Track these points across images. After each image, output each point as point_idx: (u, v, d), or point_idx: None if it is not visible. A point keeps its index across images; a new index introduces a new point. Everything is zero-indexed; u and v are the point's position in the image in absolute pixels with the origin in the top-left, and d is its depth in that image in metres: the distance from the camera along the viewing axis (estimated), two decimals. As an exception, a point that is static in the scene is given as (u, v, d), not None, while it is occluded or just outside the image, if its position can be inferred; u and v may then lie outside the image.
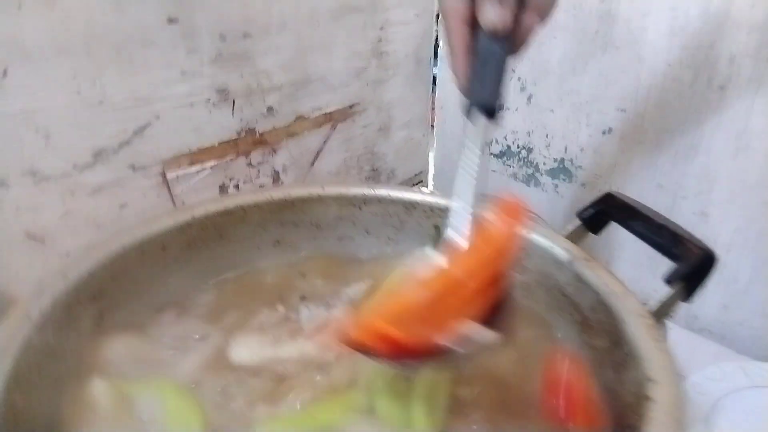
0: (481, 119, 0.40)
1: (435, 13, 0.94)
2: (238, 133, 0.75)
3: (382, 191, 0.54)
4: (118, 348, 0.41)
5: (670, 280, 0.39)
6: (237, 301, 0.48)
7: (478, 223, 0.37)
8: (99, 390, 0.37)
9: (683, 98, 0.72)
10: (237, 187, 0.75)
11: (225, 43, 0.69)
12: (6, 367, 0.32)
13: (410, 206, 0.54)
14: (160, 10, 0.62)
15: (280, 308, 0.47)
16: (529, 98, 0.89)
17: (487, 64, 0.40)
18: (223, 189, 0.74)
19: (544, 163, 0.90)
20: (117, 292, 0.44)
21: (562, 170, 0.88)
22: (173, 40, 0.64)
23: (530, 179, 0.93)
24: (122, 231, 0.45)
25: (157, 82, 0.64)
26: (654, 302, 0.38)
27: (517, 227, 0.35)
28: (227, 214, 0.50)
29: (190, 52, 0.66)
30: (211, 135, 0.72)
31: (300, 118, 0.81)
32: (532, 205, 0.56)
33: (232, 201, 0.51)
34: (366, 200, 0.54)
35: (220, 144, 0.73)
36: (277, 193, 0.52)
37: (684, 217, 0.76)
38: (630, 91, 0.77)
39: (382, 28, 0.87)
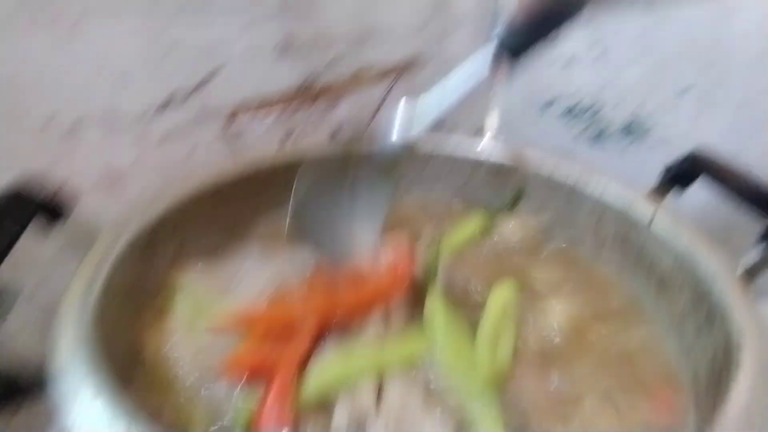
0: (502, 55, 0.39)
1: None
2: (300, 86, 0.75)
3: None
4: (197, 273, 0.42)
5: (764, 240, 0.37)
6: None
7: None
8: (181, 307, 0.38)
9: (773, 56, 0.67)
10: (298, 137, 0.75)
11: (290, -8, 0.69)
12: (96, 294, 0.33)
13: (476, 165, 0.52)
14: (228, -40, 0.61)
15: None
16: (599, 56, 0.84)
17: (549, 17, 0.39)
18: (285, 139, 0.74)
19: (613, 123, 0.86)
20: (190, 229, 0.45)
21: (632, 131, 0.84)
22: (239, -12, 0.64)
23: (597, 140, 0.89)
24: (190, 175, 0.46)
25: (224, 30, 0.64)
26: (745, 261, 0.36)
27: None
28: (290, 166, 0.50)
29: (255, 1, 0.66)
30: (275, 85, 0.72)
31: (361, 71, 0.80)
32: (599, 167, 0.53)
33: (294, 153, 0.51)
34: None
35: (282, 96, 0.73)
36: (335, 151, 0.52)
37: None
38: (715, 49, 0.72)
39: (446, -20, 0.84)
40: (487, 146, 0.52)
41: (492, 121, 1.03)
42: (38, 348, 0.30)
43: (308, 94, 0.76)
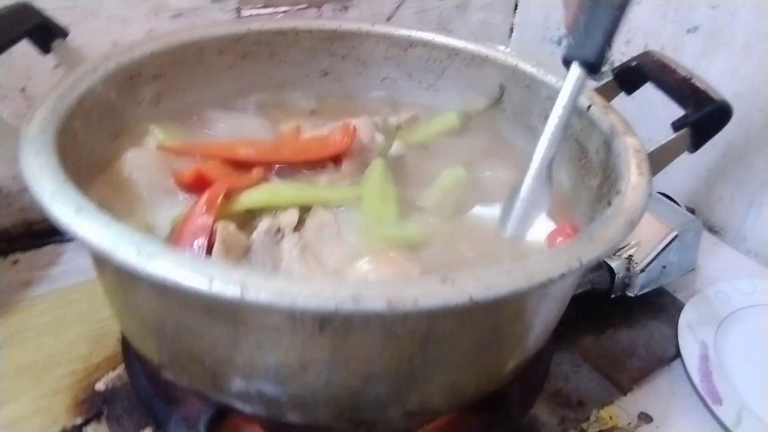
0: (578, 71, 0.38)
1: None
2: (312, -17, 0.77)
3: (428, 35, 0.55)
4: (171, 125, 0.47)
5: (676, 126, 0.39)
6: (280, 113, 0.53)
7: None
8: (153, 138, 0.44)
9: (783, -5, 0.66)
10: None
11: None
12: (72, 98, 0.38)
13: (453, 53, 0.55)
14: None
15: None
16: (617, -12, 0.84)
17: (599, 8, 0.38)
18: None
19: (621, 61, 0.86)
20: (174, 80, 0.50)
21: (636, 68, 0.84)
22: None
23: (606, 75, 0.89)
24: (185, 29, 0.50)
25: None
26: (656, 145, 0.39)
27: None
28: (281, 33, 0.54)
29: None
30: (286, -19, 0.75)
31: (376, -24, 0.82)
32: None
33: (288, 23, 0.55)
34: (412, 43, 0.56)
35: (293, -7, 0.76)
36: (329, 24, 0.56)
37: (756, 127, 0.72)
38: (725, -14, 0.72)
39: None
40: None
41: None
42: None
43: (319, -6, 0.79)
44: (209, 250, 0.35)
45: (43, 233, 0.71)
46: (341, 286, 0.26)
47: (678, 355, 0.59)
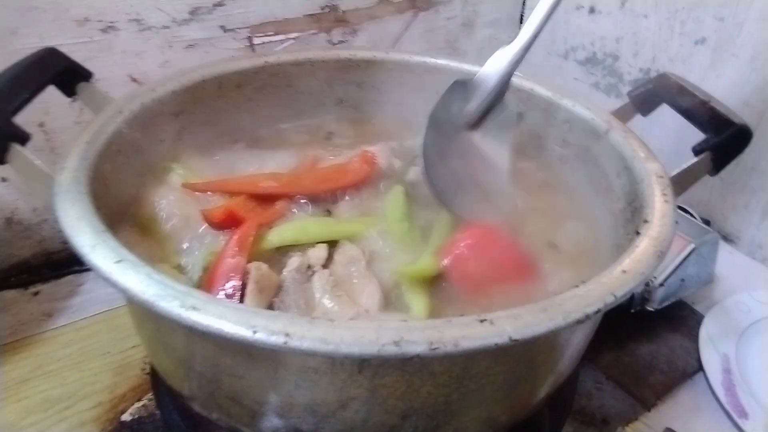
0: None
1: None
2: (322, 8, 0.79)
3: (442, 61, 0.56)
4: (191, 161, 0.48)
5: (697, 150, 0.39)
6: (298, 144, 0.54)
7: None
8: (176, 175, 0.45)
9: (790, 6, 0.67)
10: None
11: None
12: (100, 142, 0.39)
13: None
14: None
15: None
16: (624, 2, 0.85)
17: None
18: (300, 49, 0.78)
19: (629, 73, 0.87)
20: (195, 116, 0.50)
21: (645, 80, 0.85)
22: None
23: (612, 89, 0.90)
24: (204, 65, 0.51)
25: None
26: (677, 169, 0.39)
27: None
28: (297, 65, 0.55)
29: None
30: (297, 6, 0.76)
31: (384, 0, 0.83)
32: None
33: (303, 54, 0.56)
34: (427, 69, 0.57)
35: (304, 17, 0.77)
36: (344, 53, 0.56)
37: (765, 137, 0.72)
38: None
39: None
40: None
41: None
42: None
43: (329, 18, 0.80)
44: (243, 290, 0.35)
45: (62, 263, 0.71)
46: (383, 331, 0.26)
47: (700, 368, 0.59)
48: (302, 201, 0.45)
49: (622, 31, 0.87)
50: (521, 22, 1.01)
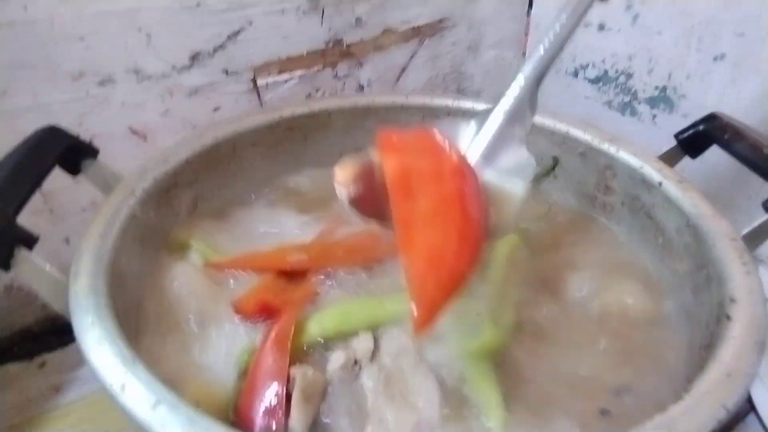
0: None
1: None
2: (326, 44, 0.75)
3: (467, 103, 0.53)
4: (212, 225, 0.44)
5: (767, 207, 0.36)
6: (316, 201, 0.50)
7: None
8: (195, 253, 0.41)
9: (816, 20, 0.64)
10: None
11: (317, -54, 0.69)
12: (114, 233, 0.35)
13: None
14: None
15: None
16: (635, 18, 0.82)
17: None
18: (312, 99, 0.75)
19: (644, 91, 0.84)
20: (209, 181, 0.47)
21: (663, 99, 0.82)
22: (267, -55, 0.64)
23: (626, 108, 0.87)
24: (216, 125, 0.48)
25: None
26: (748, 228, 0.36)
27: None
28: (312, 117, 0.52)
29: (282, -43, 0.66)
30: (300, 44, 0.73)
31: (388, 31, 0.80)
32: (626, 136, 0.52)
33: (318, 105, 0.52)
34: (450, 111, 0.53)
35: (308, 54, 0.74)
36: (361, 100, 0.53)
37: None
38: (753, 12, 0.69)
39: (477, -60, 0.82)
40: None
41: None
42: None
43: (334, 53, 0.77)
44: (287, 398, 0.31)
45: (67, 327, 0.67)
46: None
47: (752, 408, 0.56)
48: (335, 274, 0.41)
49: (634, 48, 0.84)
50: (526, 43, 0.98)
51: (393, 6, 0.79)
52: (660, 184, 0.41)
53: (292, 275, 0.41)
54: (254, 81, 0.70)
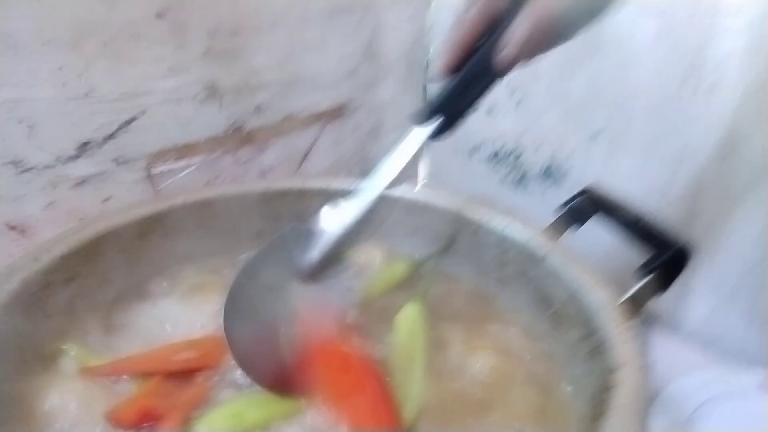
0: (436, 124, 0.39)
1: (428, 17, 0.95)
2: (226, 131, 0.75)
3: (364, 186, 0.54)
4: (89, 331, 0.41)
5: (644, 270, 0.39)
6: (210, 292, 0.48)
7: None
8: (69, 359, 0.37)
9: (670, 102, 0.72)
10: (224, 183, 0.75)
11: (214, 39, 0.70)
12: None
13: (392, 202, 0.54)
14: (149, 4, 0.62)
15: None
16: (519, 102, 0.89)
17: (475, 79, 0.39)
18: (209, 186, 0.74)
19: (533, 168, 0.90)
20: (89, 278, 0.44)
21: (550, 175, 0.88)
22: (161, 35, 0.64)
23: (518, 184, 0.93)
24: (99, 217, 0.45)
25: (145, 76, 0.64)
26: (628, 294, 0.38)
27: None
28: (206, 204, 0.50)
29: (178, 47, 0.66)
30: (198, 131, 0.72)
31: (289, 117, 0.82)
32: (520, 209, 0.55)
33: (214, 192, 0.51)
34: (349, 194, 0.54)
35: (207, 140, 0.73)
36: (259, 186, 0.53)
37: (670, 221, 0.76)
38: (619, 96, 0.77)
39: (373, 29, 0.88)
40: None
41: (423, 169, 1.06)
42: None
43: (234, 139, 0.76)
44: None
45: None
46: None
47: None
48: (229, 371, 0.39)
49: (521, 129, 0.90)
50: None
51: (293, 93, 0.81)
52: (544, 258, 0.43)
53: (181, 375, 0.38)
54: (149, 169, 0.68)
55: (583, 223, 0.47)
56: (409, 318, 0.43)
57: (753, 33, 0.63)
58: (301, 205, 0.55)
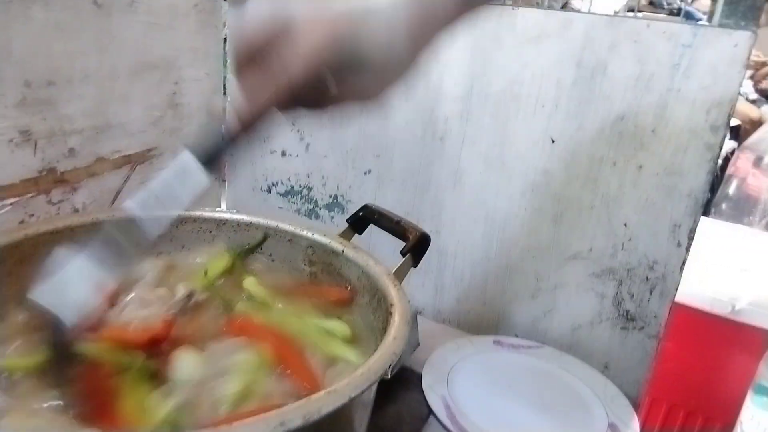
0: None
1: (223, 74, 1.10)
2: (40, 172, 0.80)
3: (196, 213, 0.67)
4: None
5: (403, 253, 0.60)
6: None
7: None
8: None
9: (417, 146, 0.99)
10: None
11: (30, 89, 0.75)
12: None
13: (220, 223, 0.68)
14: (-34, 55, 0.66)
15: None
16: (307, 147, 1.09)
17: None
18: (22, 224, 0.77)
19: (322, 199, 1.10)
20: None
21: (336, 204, 1.09)
22: (-21, 84, 0.68)
23: (311, 213, 1.12)
24: None
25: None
26: (395, 268, 0.59)
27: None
28: (57, 233, 0.57)
29: (-5, 96, 0.71)
30: (12, 173, 0.76)
31: (100, 159, 0.89)
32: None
33: (63, 222, 0.58)
34: (183, 219, 0.66)
35: (21, 182, 0.77)
36: (81, 219, 0.61)
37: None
38: (382, 142, 1.02)
39: (176, 83, 1.00)
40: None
41: (224, 203, 1.19)
42: None
43: (47, 181, 0.81)
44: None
45: None
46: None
47: (431, 411, 0.79)
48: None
49: (310, 168, 1.10)
50: (224, 169, 1.17)
51: (104, 138, 0.88)
52: (342, 251, 0.61)
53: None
54: (-40, 211, 0.70)
55: (365, 228, 0.68)
56: (253, 282, 0.59)
57: (464, 103, 0.93)
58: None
